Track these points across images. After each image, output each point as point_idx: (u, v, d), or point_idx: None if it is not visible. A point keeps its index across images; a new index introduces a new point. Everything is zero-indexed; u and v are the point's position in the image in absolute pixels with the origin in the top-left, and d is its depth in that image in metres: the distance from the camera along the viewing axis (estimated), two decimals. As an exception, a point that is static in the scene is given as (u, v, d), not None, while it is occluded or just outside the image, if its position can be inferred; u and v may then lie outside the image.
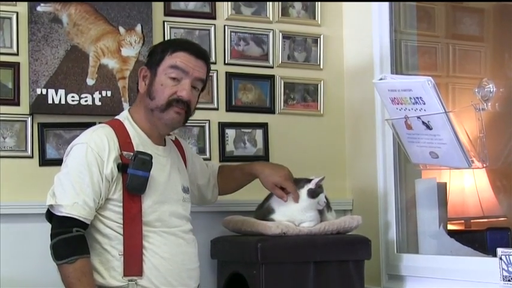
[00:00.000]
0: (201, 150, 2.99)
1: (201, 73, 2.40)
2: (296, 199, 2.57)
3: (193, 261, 2.43)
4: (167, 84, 2.35)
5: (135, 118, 2.42)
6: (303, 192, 2.58)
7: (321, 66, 3.24)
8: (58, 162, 2.41)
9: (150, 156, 2.30)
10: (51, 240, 2.22)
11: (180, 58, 2.37)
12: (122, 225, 2.28)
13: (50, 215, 2.28)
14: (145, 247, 2.29)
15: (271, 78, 3.14)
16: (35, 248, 2.61)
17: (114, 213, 2.29)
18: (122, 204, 2.28)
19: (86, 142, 2.29)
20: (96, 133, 2.33)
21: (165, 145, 2.48)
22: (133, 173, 2.27)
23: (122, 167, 2.28)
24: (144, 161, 2.28)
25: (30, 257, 2.64)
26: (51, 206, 2.25)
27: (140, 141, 2.38)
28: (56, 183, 2.28)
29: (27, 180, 2.71)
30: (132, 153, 2.29)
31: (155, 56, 2.41)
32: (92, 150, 2.27)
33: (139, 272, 2.27)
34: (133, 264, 2.27)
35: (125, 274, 2.26)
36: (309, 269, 2.54)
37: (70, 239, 2.21)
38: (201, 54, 2.43)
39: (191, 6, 3.03)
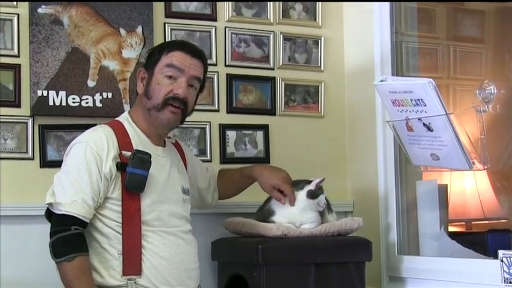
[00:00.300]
0: (202, 152, 2.99)
1: (197, 71, 2.42)
2: (292, 202, 2.57)
3: (193, 262, 2.44)
4: (164, 83, 2.37)
5: (134, 119, 2.43)
6: (303, 193, 2.58)
7: (322, 68, 3.24)
8: (59, 164, 2.41)
9: (149, 155, 2.31)
10: (50, 238, 2.23)
11: (175, 57, 2.39)
12: (120, 224, 2.28)
13: (50, 214, 2.29)
14: (144, 246, 2.30)
15: (272, 79, 3.14)
16: (35, 249, 2.61)
17: (113, 212, 2.29)
18: (120, 203, 2.29)
19: (85, 141, 2.31)
20: (95, 133, 2.35)
21: (164, 146, 2.49)
22: (132, 172, 2.28)
23: (121, 166, 2.29)
24: (143, 160, 2.29)
25: (31, 259, 2.64)
26: (50, 204, 2.26)
27: (139, 141, 2.39)
28: (55, 182, 2.29)
29: (27, 182, 2.71)
30: (131, 152, 2.30)
31: (152, 57, 2.44)
32: (91, 149, 2.28)
33: (138, 271, 2.27)
34: (132, 263, 2.27)
35: (124, 273, 2.26)
36: (309, 271, 2.54)
37: (68, 236, 2.22)
38: (197, 53, 2.44)
39: (192, 7, 3.04)
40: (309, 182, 2.59)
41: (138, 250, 2.29)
